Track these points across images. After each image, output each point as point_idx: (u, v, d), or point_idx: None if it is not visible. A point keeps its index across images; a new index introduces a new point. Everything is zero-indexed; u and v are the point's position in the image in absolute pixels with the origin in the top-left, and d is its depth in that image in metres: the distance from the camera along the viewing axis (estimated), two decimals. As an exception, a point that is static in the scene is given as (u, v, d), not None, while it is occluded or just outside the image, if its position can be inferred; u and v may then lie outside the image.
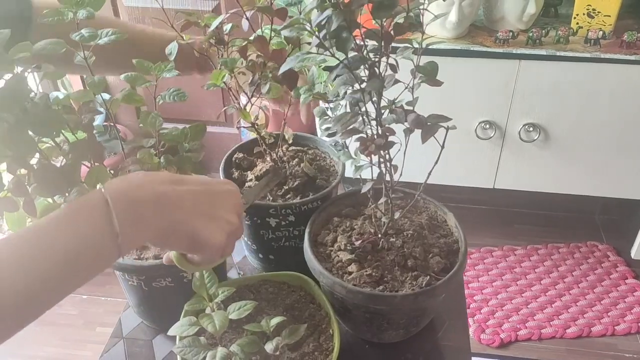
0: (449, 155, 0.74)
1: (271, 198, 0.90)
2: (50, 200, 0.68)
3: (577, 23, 1.79)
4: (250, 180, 0.92)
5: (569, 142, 1.92)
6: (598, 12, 1.76)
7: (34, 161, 0.64)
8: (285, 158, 0.93)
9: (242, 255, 1.04)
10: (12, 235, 0.49)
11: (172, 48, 0.75)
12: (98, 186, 0.55)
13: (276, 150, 0.93)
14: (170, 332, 0.72)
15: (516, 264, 2.27)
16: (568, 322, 2.02)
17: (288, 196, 0.90)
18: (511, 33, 1.77)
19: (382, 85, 0.68)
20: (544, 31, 1.77)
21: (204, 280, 0.74)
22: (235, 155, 0.96)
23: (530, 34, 1.75)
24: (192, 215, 0.58)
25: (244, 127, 0.82)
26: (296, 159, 0.95)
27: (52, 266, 0.48)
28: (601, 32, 1.73)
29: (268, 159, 0.93)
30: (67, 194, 0.62)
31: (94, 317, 2.10)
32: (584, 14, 1.78)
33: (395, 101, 0.76)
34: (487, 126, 1.91)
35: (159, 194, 0.56)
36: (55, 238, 0.49)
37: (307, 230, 0.84)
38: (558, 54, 1.73)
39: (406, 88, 0.76)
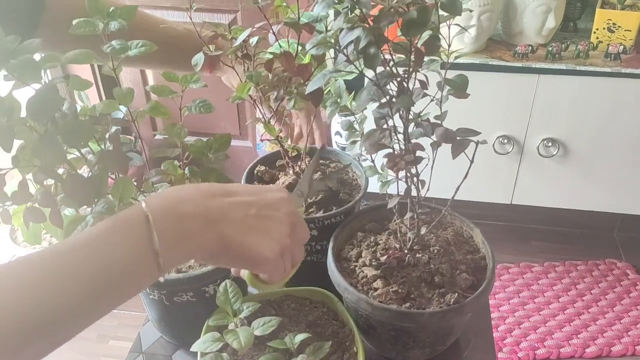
0: (462, 170, 0.73)
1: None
2: (68, 212, 0.67)
3: (597, 37, 1.78)
4: (273, 193, 0.90)
5: (588, 158, 1.89)
6: (618, 26, 1.74)
7: (60, 171, 0.63)
8: (308, 171, 0.92)
9: (262, 270, 1.02)
10: (47, 249, 0.47)
11: (198, 59, 0.75)
12: (140, 199, 0.52)
13: (299, 163, 0.92)
14: (194, 348, 0.70)
15: (533, 281, 2.24)
16: (587, 341, 1.98)
17: (311, 210, 0.89)
18: (530, 47, 1.76)
19: (412, 102, 0.66)
20: (563, 45, 1.76)
21: (228, 296, 0.72)
22: (257, 168, 0.96)
23: (550, 49, 1.74)
24: (241, 230, 0.54)
25: (267, 140, 0.81)
26: (319, 172, 0.94)
27: (86, 284, 0.45)
28: (622, 47, 1.72)
29: (290, 171, 0.92)
30: (94, 205, 0.61)
31: (107, 331, 2.09)
32: (604, 29, 1.76)
33: (421, 114, 0.75)
34: (505, 141, 1.90)
35: (206, 208, 0.52)
36: (91, 255, 0.47)
37: (330, 245, 0.83)
38: (578, 68, 1.72)
39: (432, 100, 0.75)
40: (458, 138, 0.70)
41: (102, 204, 0.62)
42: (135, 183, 0.75)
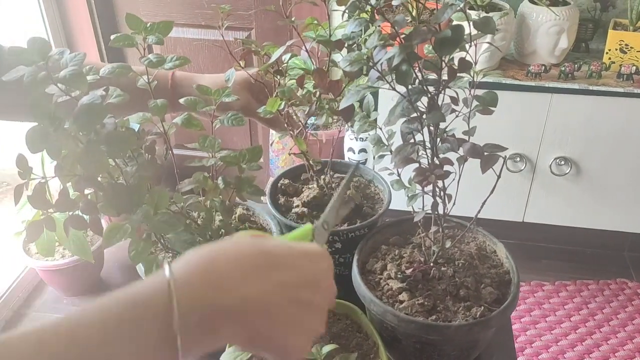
0: (478, 187, 0.75)
1: (319, 225, 0.90)
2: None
3: (610, 58, 1.80)
4: (297, 206, 0.92)
5: (600, 177, 1.90)
6: (631, 47, 1.76)
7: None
8: (332, 185, 0.93)
9: (283, 282, 1.03)
10: (63, 322, 0.40)
11: (230, 74, 0.77)
12: (166, 269, 0.43)
13: (322, 177, 0.93)
14: (223, 359, 0.71)
15: (545, 299, 2.23)
16: (600, 360, 1.98)
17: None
18: (543, 67, 1.78)
19: (443, 117, 0.68)
20: (576, 66, 1.78)
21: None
22: (281, 181, 0.97)
23: (563, 68, 1.76)
24: (277, 323, 0.46)
25: (294, 153, 0.82)
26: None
27: None
28: (634, 67, 1.73)
29: (314, 185, 0.93)
30: (132, 214, 0.62)
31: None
32: (616, 49, 1.79)
33: (447, 130, 0.77)
34: (518, 159, 1.91)
35: (244, 298, 0.44)
36: (104, 342, 0.40)
37: (355, 258, 0.84)
38: (591, 88, 1.74)
39: (457, 116, 0.76)
40: (486, 153, 0.71)
41: (139, 212, 0.63)
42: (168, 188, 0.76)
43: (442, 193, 0.76)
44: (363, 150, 2.08)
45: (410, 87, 0.67)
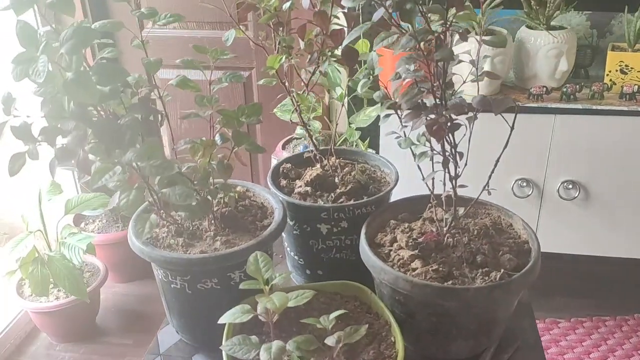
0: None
1: (323, 202, 0.85)
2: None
3: (611, 79, 1.80)
4: (300, 187, 0.87)
5: (611, 200, 1.85)
6: (631, 67, 1.76)
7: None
8: (336, 164, 0.89)
9: (286, 278, 0.97)
10: None
11: (229, 35, 0.75)
12: None
13: (326, 156, 0.90)
14: (222, 320, 0.65)
15: (561, 337, 2.12)
16: (625, 398, 1.85)
17: (341, 200, 0.85)
18: (545, 88, 1.77)
19: (452, 54, 0.65)
20: (577, 87, 1.77)
21: (258, 265, 0.67)
22: (283, 166, 0.93)
23: (565, 89, 1.76)
24: None
25: (296, 123, 0.79)
26: (347, 168, 0.91)
27: None
28: (636, 87, 1.73)
29: (318, 165, 0.89)
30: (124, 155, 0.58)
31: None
32: (616, 71, 1.79)
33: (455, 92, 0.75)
34: (524, 184, 1.87)
35: None
36: None
37: (363, 231, 0.79)
38: (594, 107, 1.72)
39: (466, 81, 0.74)
40: (497, 99, 0.68)
41: (132, 152, 0.59)
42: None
43: (453, 150, 0.72)
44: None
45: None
